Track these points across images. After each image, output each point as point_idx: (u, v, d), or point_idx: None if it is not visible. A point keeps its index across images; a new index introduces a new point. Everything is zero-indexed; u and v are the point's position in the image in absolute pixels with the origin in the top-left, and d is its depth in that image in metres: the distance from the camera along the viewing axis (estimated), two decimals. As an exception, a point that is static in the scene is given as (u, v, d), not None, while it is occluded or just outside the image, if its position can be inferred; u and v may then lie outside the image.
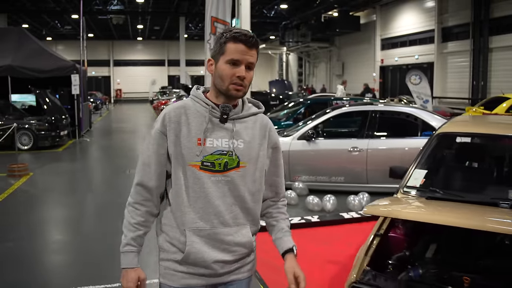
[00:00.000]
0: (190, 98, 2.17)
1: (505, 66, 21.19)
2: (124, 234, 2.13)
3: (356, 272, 2.92)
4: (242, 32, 2.06)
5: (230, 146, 2.11)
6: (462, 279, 2.82)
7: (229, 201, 2.12)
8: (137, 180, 2.14)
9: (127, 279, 2.10)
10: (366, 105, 9.54)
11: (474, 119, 5.79)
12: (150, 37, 47.13)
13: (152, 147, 2.12)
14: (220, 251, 2.12)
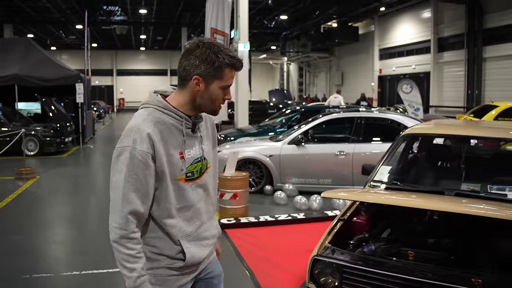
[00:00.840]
0: (157, 110, 2.13)
1: (498, 76, 21.70)
2: (129, 268, 2.02)
3: (318, 248, 3.45)
4: (236, 58, 2.12)
5: (200, 152, 2.23)
6: (407, 253, 3.36)
7: (204, 201, 2.28)
8: (128, 209, 2.01)
9: None
10: (353, 112, 10.11)
11: (436, 123, 6.36)
12: (152, 47, 47.71)
13: (141, 170, 2.02)
14: (204, 247, 2.27)
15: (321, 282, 3.32)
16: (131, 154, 2.00)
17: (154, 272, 2.15)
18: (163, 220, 2.13)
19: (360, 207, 4.09)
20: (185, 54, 2.14)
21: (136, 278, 2.01)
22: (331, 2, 27.14)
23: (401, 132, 5.29)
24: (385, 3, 27.53)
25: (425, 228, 3.75)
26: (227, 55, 2.08)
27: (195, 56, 2.09)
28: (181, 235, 2.16)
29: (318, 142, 9.04)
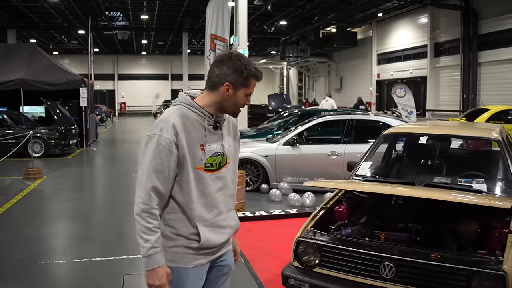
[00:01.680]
0: (184, 106, 2.45)
1: (492, 80, 22.14)
2: (145, 239, 2.29)
3: (302, 231, 3.95)
4: (259, 70, 2.50)
5: (221, 148, 2.50)
6: (379, 235, 3.86)
7: (223, 192, 2.53)
8: (150, 186, 2.31)
9: (159, 276, 2.32)
10: (345, 114, 10.62)
11: (415, 124, 6.93)
12: (154, 52, 48.20)
13: (165, 155, 2.32)
14: (221, 235, 2.52)
15: (303, 260, 3.82)
16: (157, 141, 2.32)
17: (172, 250, 2.42)
18: (184, 203, 2.41)
19: (342, 198, 4.60)
20: (218, 63, 2.45)
21: (149, 249, 2.28)
22: (329, 8, 27.61)
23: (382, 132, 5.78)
24: (383, 9, 28.02)
25: (396, 214, 4.26)
26: (253, 68, 2.43)
27: (227, 66, 2.41)
28: (198, 219, 2.42)
29: (312, 143, 9.53)
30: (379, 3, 26.29)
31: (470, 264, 3.27)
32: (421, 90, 27.44)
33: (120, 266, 5.51)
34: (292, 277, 3.80)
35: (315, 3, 26.20)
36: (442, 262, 3.32)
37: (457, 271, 3.26)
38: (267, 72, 49.59)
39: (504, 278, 3.11)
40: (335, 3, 26.36)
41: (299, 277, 3.76)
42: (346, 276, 3.60)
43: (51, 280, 5.21)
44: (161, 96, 44.95)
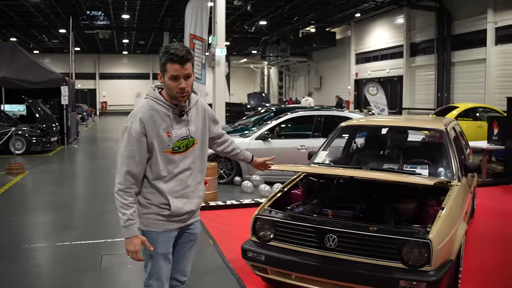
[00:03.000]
0: (152, 99, 2.86)
1: (465, 79, 22.82)
2: (122, 213, 2.76)
3: (259, 210, 4.43)
4: (176, 53, 2.73)
5: (187, 132, 2.91)
6: (327, 212, 4.35)
7: (191, 169, 2.96)
8: (124, 170, 2.77)
9: (134, 244, 2.77)
10: (313, 110, 11.14)
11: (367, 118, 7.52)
12: (135, 51, 48.26)
13: (135, 144, 2.76)
14: (189, 204, 2.97)
15: (260, 235, 4.30)
16: (129, 132, 2.78)
17: (146, 216, 2.90)
18: (155, 181, 2.86)
19: (298, 182, 5.09)
20: None
21: (126, 220, 2.75)
22: (308, 8, 28.08)
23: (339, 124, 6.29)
24: (361, 10, 28.61)
25: (344, 195, 4.77)
26: (167, 53, 2.74)
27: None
28: (168, 192, 2.87)
29: (282, 138, 10.02)
30: (357, 4, 26.85)
31: (401, 234, 3.77)
32: (398, 89, 28.07)
33: (99, 248, 5.96)
34: (250, 250, 4.27)
35: (295, 3, 26.66)
36: (378, 233, 3.81)
37: (391, 240, 3.75)
38: (248, 71, 50.05)
39: (429, 245, 3.61)
40: (314, 4, 26.85)
41: (256, 250, 4.23)
42: (296, 248, 4.07)
43: (34, 260, 5.62)
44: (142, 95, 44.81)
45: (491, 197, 8.70)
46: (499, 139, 10.44)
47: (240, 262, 5.15)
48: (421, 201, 4.54)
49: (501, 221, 7.26)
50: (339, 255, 3.87)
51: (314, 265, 3.90)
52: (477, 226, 6.66)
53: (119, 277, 5.20)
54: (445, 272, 3.69)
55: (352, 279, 3.79)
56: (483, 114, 15.58)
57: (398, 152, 5.94)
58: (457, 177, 4.85)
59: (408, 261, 3.65)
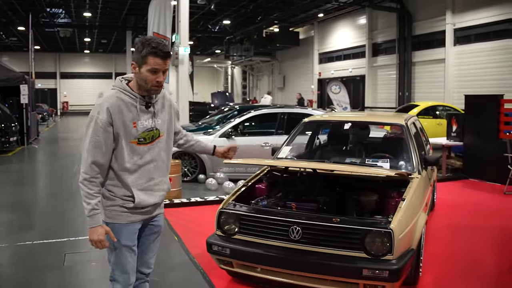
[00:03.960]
0: (119, 90, 2.84)
1: (425, 78, 23.32)
2: (87, 202, 2.75)
3: (223, 204, 4.44)
4: (159, 47, 2.75)
5: (153, 124, 2.91)
6: (291, 205, 4.39)
7: (156, 161, 2.95)
8: (90, 160, 2.74)
9: (98, 233, 2.76)
10: (276, 108, 11.23)
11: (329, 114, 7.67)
12: (97, 50, 47.55)
13: (101, 133, 2.73)
14: (153, 197, 2.96)
15: (225, 229, 4.31)
16: (95, 122, 2.75)
17: (110, 208, 2.88)
18: (120, 172, 2.84)
19: (262, 177, 5.12)
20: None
21: (90, 210, 2.74)
22: (272, 8, 28.24)
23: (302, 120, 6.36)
24: (324, 10, 28.90)
25: (308, 189, 4.82)
26: (151, 46, 2.74)
27: (135, 48, 2.86)
28: (133, 184, 2.85)
29: (246, 135, 10.04)
30: (320, 4, 27.10)
31: (364, 225, 3.84)
32: (360, 88, 28.48)
33: (62, 246, 5.84)
34: (215, 244, 4.28)
35: (258, 3, 26.76)
36: (341, 224, 3.87)
37: (353, 231, 3.82)
38: (212, 71, 49.92)
39: (391, 234, 3.69)
40: (277, 3, 27.00)
41: (221, 243, 4.24)
42: (261, 241, 4.10)
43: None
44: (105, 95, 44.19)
45: (451, 191, 8.95)
46: (458, 136, 10.73)
47: (205, 257, 5.15)
48: (382, 193, 4.63)
49: (460, 213, 7.48)
50: (304, 247, 3.91)
51: (279, 257, 3.93)
52: (438, 219, 6.84)
53: (83, 274, 5.12)
54: (407, 260, 3.78)
55: (316, 270, 3.84)
56: (442, 112, 15.93)
57: (360, 147, 6.05)
58: (417, 170, 4.97)
59: (371, 251, 3.72)
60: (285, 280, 4.01)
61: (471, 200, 8.43)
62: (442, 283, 4.65)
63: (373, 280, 3.68)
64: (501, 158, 9.01)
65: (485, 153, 9.95)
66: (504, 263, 5.23)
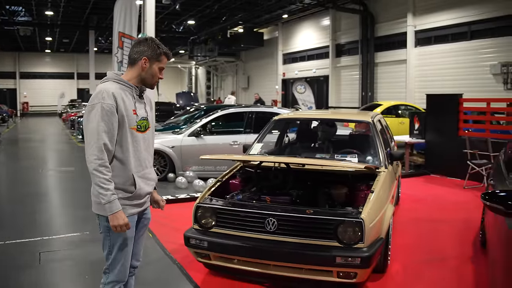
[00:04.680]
0: (115, 81, 2.99)
1: (388, 79, 23.82)
2: (105, 188, 2.80)
3: (200, 198, 4.57)
4: (170, 52, 3.17)
5: (146, 113, 3.10)
6: (265, 199, 4.55)
7: (147, 151, 3.11)
8: (101, 143, 2.81)
9: (121, 218, 2.85)
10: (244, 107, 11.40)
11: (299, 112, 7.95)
12: (59, 49, 46.62)
13: (108, 117, 2.83)
14: (148, 186, 3.11)
15: (202, 222, 4.44)
16: (101, 107, 2.84)
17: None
18: (123, 158, 2.94)
19: (236, 173, 5.27)
20: (137, 44, 3.08)
21: (111, 195, 2.81)
22: (237, 9, 28.32)
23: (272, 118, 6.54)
24: (288, 11, 29.16)
25: (281, 183, 4.99)
26: (165, 47, 3.09)
27: (144, 45, 3.04)
28: (134, 170, 2.99)
29: (215, 134, 10.16)
30: (284, 5, 27.34)
31: (336, 215, 4.04)
32: (324, 88, 28.87)
33: (35, 245, 5.83)
34: (193, 237, 4.40)
35: (223, 3, 26.82)
36: (315, 215, 4.05)
37: (326, 221, 4.01)
38: (176, 71, 49.66)
39: (362, 224, 3.90)
40: (242, 4, 27.11)
41: (198, 236, 4.36)
42: (238, 233, 4.25)
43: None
44: (67, 96, 43.69)
45: (414, 187, 9.29)
46: (420, 134, 11.12)
47: (181, 252, 5.28)
48: (352, 186, 4.85)
49: (423, 207, 7.83)
50: (279, 238, 4.08)
51: (256, 248, 4.09)
52: (403, 212, 7.14)
53: (60, 272, 5.12)
54: (377, 248, 3.99)
55: (292, 259, 4.01)
56: (404, 112, 16.37)
57: (329, 144, 6.27)
58: (384, 165, 5.21)
59: (343, 240, 3.92)
60: (262, 271, 4.17)
61: (433, 194, 8.78)
62: (409, 270, 4.90)
63: (346, 267, 3.87)
64: (461, 155, 9.42)
65: (445, 150, 10.36)
66: (465, 252, 5.52)
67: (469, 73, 18.68)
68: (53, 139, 21.32)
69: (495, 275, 3.40)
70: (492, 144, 8.87)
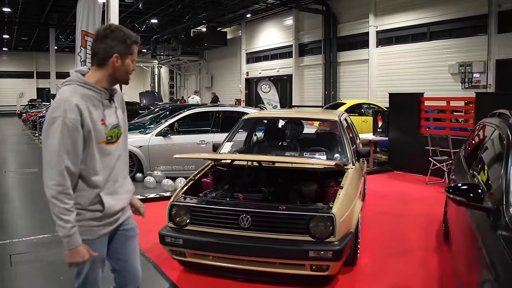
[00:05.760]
0: (79, 85, 2.51)
1: (350, 78, 24.20)
2: (64, 220, 2.39)
3: (174, 197, 4.65)
4: (138, 37, 2.66)
5: (117, 119, 2.65)
6: (239, 196, 4.66)
7: (120, 162, 2.70)
8: (63, 167, 2.38)
9: (81, 254, 2.47)
10: (212, 107, 11.50)
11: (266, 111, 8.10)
12: (17, 47, 45.53)
13: (70, 135, 2.39)
14: (120, 200, 2.69)
15: (177, 220, 4.51)
16: (63, 122, 2.38)
17: (80, 223, 2.51)
18: (88, 177, 2.53)
19: (208, 171, 5.37)
20: (101, 38, 2.58)
21: (70, 228, 2.41)
22: (200, 8, 28.25)
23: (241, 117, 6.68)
24: (251, 10, 29.26)
25: (253, 181, 5.13)
26: (132, 34, 2.61)
27: (111, 39, 2.54)
28: (102, 189, 2.58)
29: (182, 134, 10.19)
30: (248, 5, 27.42)
31: (308, 211, 4.18)
32: (287, 87, 29.14)
33: (5, 248, 5.77)
34: (168, 235, 4.47)
35: (186, 2, 26.73)
36: (287, 211, 4.18)
37: (299, 216, 4.15)
38: (138, 71, 49.06)
39: (333, 218, 4.06)
40: (205, 3, 27.07)
41: (173, 234, 4.44)
42: (212, 230, 4.35)
43: None
44: (26, 95, 42.71)
45: (378, 183, 9.55)
46: (383, 131, 11.41)
47: (155, 251, 5.34)
48: (321, 183, 5.01)
49: (388, 202, 8.11)
50: (253, 233, 4.20)
51: (231, 244, 4.20)
52: (369, 207, 7.36)
53: (33, 274, 5.07)
54: (347, 242, 4.16)
55: (266, 254, 4.13)
56: (367, 110, 16.71)
57: (296, 142, 6.43)
58: (352, 161, 5.39)
59: (315, 234, 4.06)
60: (236, 266, 4.28)
61: (397, 190, 9.07)
62: (377, 263, 5.10)
63: (318, 260, 4.02)
64: (423, 152, 9.73)
65: (408, 147, 10.67)
66: (429, 245, 5.76)
67: (429, 73, 19.22)
68: (14, 139, 20.86)
69: (458, 264, 3.59)
70: (452, 141, 9.19)
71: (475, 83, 17.33)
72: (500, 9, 16.45)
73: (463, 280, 3.18)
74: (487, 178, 3.61)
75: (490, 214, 2.87)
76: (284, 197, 4.81)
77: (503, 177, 3.02)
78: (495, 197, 2.94)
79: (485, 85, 17.02)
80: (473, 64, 17.28)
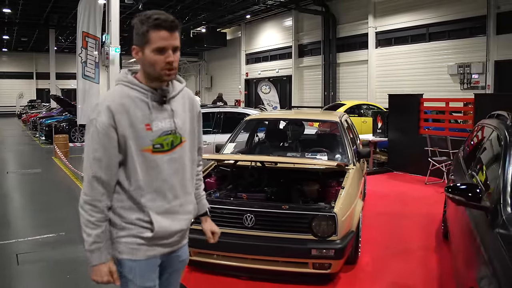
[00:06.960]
0: (124, 85, 2.21)
1: (350, 79, 24.36)
2: (87, 233, 2.13)
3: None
4: (161, 17, 2.09)
5: (172, 125, 2.22)
6: (242, 196, 4.75)
7: (179, 175, 2.27)
8: (91, 176, 2.12)
9: (101, 274, 2.15)
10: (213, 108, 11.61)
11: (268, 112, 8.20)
12: (16, 48, 45.56)
13: (101, 140, 2.10)
14: (177, 221, 2.27)
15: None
16: (94, 126, 2.12)
17: (123, 240, 2.20)
18: (131, 191, 2.18)
19: (211, 171, 5.47)
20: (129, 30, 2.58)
21: (91, 243, 2.12)
22: (200, 9, 28.35)
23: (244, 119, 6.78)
24: (251, 11, 29.37)
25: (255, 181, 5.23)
26: (151, 19, 2.10)
27: (132, 30, 2.16)
28: (150, 207, 2.19)
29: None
30: (247, 6, 27.53)
31: (310, 210, 4.27)
32: (287, 88, 29.26)
33: (12, 248, 5.85)
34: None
35: (186, 3, 26.83)
36: (290, 210, 4.28)
37: (302, 216, 4.24)
38: (139, 71, 49.14)
39: (335, 218, 4.15)
40: (205, 4, 27.16)
41: (177, 233, 4.52)
42: (217, 229, 4.43)
43: None
44: (26, 96, 42.73)
45: (378, 183, 9.65)
46: (383, 132, 11.51)
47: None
48: (323, 183, 5.11)
49: (388, 202, 8.22)
50: (257, 232, 4.29)
51: (235, 243, 4.29)
52: (369, 207, 7.46)
53: (40, 273, 5.14)
54: (349, 241, 4.25)
55: (269, 253, 4.23)
56: (367, 111, 16.80)
57: (298, 143, 6.53)
58: (352, 162, 5.48)
59: (318, 233, 4.16)
60: (240, 264, 4.37)
61: (397, 190, 9.17)
62: (378, 261, 5.20)
63: (320, 258, 4.12)
64: (422, 152, 9.83)
65: (407, 148, 10.77)
66: (429, 244, 5.86)
67: (428, 73, 19.36)
68: (15, 140, 20.94)
69: (457, 262, 3.69)
70: (451, 142, 9.29)
71: (474, 84, 17.47)
72: (499, 10, 16.60)
73: (462, 276, 3.27)
74: (486, 178, 3.71)
75: (488, 213, 2.96)
76: (287, 197, 4.91)
77: (500, 177, 3.12)
78: (493, 197, 3.04)
79: (483, 86, 17.15)
80: (472, 65, 17.41)
